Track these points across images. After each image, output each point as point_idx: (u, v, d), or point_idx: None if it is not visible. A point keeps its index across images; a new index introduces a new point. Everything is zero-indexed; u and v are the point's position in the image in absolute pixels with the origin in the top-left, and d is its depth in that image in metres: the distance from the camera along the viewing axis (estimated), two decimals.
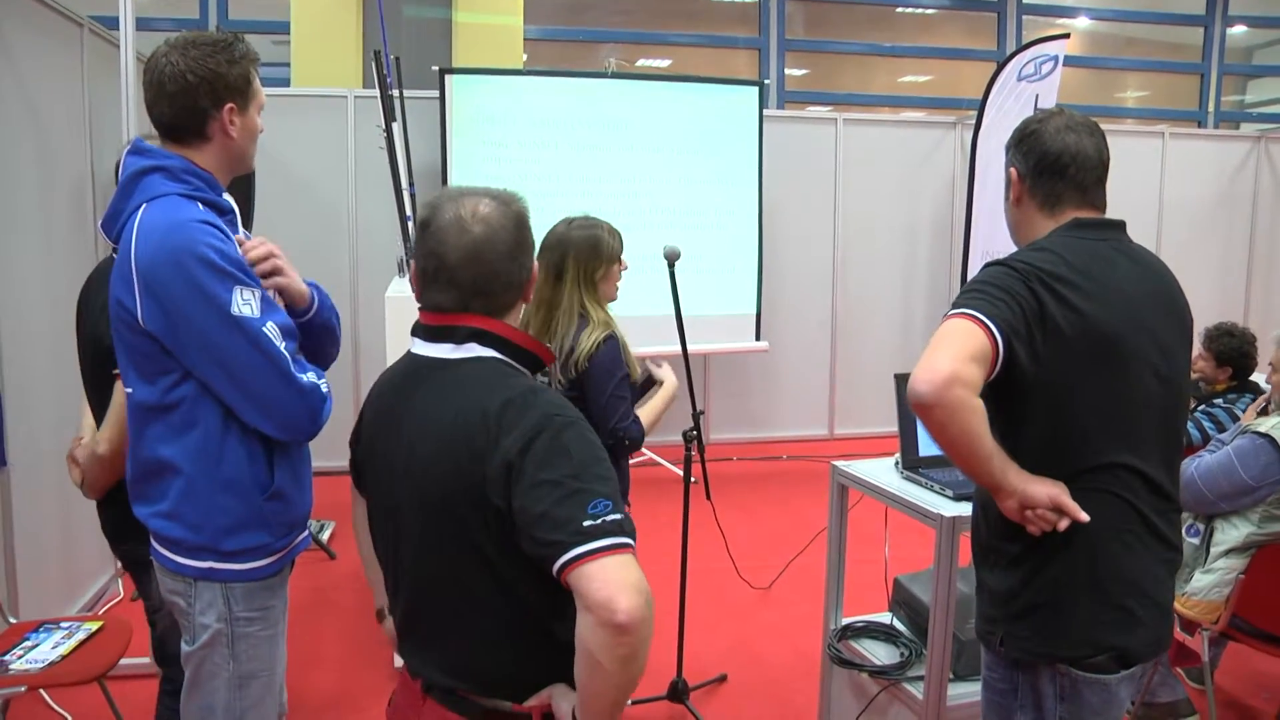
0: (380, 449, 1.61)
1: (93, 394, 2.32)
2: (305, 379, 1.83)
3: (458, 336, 1.53)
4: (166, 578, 1.93)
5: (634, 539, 1.37)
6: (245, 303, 1.75)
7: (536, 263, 2.57)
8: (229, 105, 1.85)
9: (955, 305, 1.70)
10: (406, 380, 1.59)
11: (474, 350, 1.52)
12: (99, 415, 2.27)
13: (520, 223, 1.56)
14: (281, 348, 1.79)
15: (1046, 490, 1.70)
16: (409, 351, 1.61)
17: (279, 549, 1.93)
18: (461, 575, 1.47)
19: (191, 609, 1.89)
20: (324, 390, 1.88)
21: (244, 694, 1.92)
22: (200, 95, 1.82)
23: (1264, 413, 3.39)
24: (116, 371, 2.03)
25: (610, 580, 1.30)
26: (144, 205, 1.80)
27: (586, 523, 1.34)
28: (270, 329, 1.78)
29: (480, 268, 1.51)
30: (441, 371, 1.53)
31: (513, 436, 1.40)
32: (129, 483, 1.94)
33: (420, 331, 1.58)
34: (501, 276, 1.53)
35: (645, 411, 2.77)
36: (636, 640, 1.30)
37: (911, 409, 1.66)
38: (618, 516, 1.36)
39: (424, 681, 1.56)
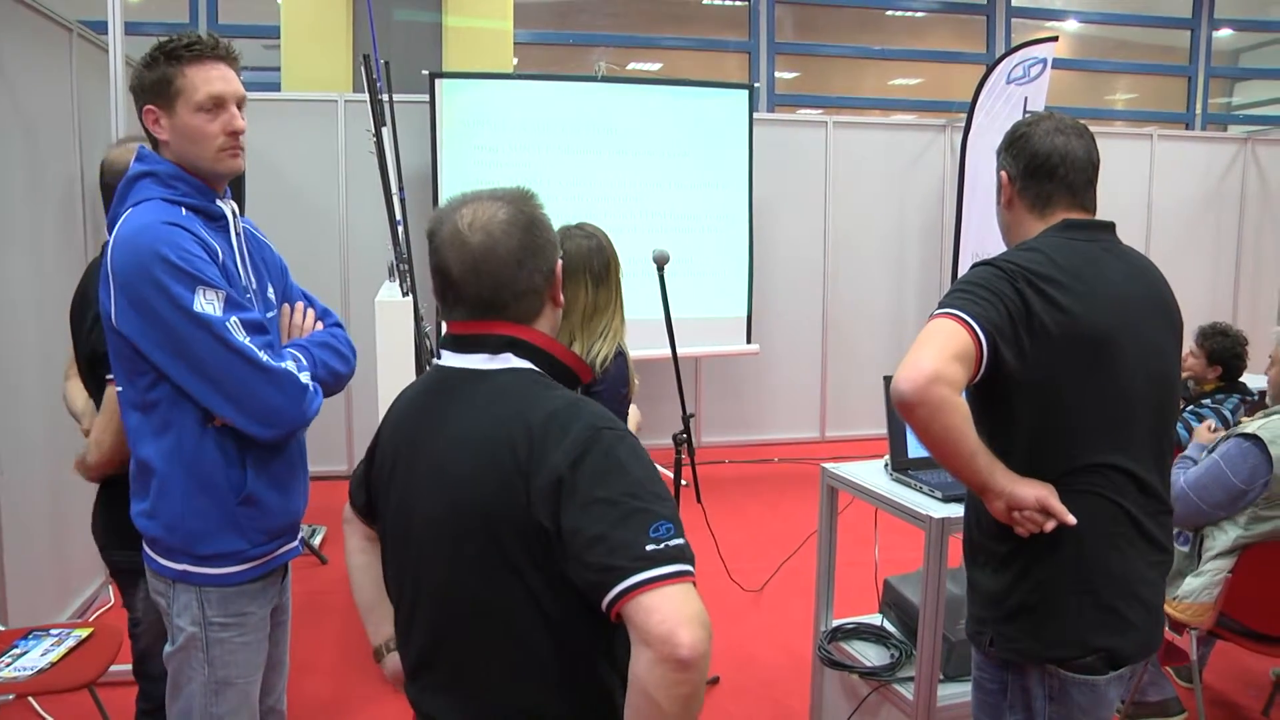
0: (401, 470, 1.47)
1: (95, 397, 2.32)
2: (280, 366, 1.83)
3: (491, 345, 1.41)
4: (152, 577, 1.95)
5: (693, 565, 1.26)
6: (209, 302, 1.76)
7: (567, 266, 2.57)
8: (146, 108, 1.86)
9: (941, 305, 1.71)
10: (434, 394, 1.47)
11: (510, 361, 1.41)
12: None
13: (529, 224, 1.41)
14: (247, 341, 1.79)
15: (1034, 492, 1.70)
16: (435, 365, 1.50)
17: (255, 556, 1.92)
18: (497, 606, 1.34)
19: (171, 610, 1.91)
20: (304, 380, 1.87)
21: (219, 700, 1.92)
22: (135, 100, 1.88)
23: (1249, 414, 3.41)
24: (109, 376, 2.03)
25: (673, 612, 1.18)
26: (129, 209, 1.82)
27: (650, 547, 1.22)
28: (234, 324, 1.78)
29: (483, 280, 1.38)
30: (475, 383, 1.41)
31: (562, 450, 1.28)
32: (130, 480, 1.95)
33: (449, 342, 1.46)
34: (509, 286, 1.39)
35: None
36: (699, 676, 1.18)
37: (895, 408, 1.66)
38: (680, 541, 1.25)
39: None
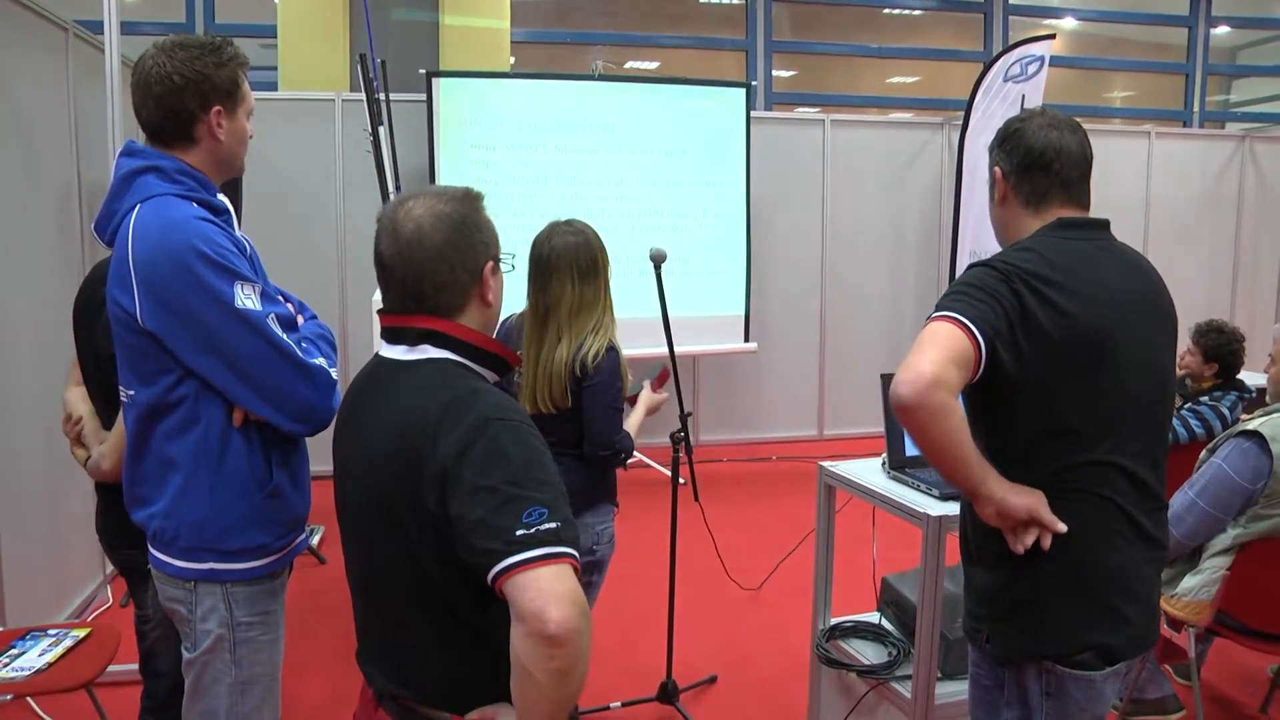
0: (341, 451, 1.60)
1: (100, 404, 2.30)
2: (314, 362, 1.85)
3: (409, 338, 1.51)
4: (165, 584, 1.92)
5: (575, 546, 1.33)
6: (248, 296, 1.76)
7: (555, 266, 2.59)
8: (216, 108, 1.85)
9: (938, 307, 1.71)
10: (368, 382, 1.59)
11: (427, 352, 1.50)
12: (105, 423, 2.25)
13: (460, 223, 1.50)
14: (285, 337, 1.81)
15: (1024, 501, 1.70)
16: (376, 353, 1.60)
17: (278, 549, 1.93)
18: (400, 582, 1.46)
19: (193, 615, 1.89)
20: (334, 375, 1.89)
21: (245, 699, 1.93)
22: (186, 97, 1.83)
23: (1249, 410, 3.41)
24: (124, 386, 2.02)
25: (542, 591, 1.27)
26: (138, 206, 1.80)
27: (520, 531, 1.30)
28: (273, 320, 1.80)
29: (408, 268, 1.48)
30: (397, 374, 1.51)
31: (450, 440, 1.36)
32: (125, 489, 1.93)
33: (383, 333, 1.57)
34: (430, 278, 1.48)
35: (628, 426, 2.78)
36: (570, 653, 1.26)
37: (894, 412, 1.67)
38: (554, 525, 1.32)
39: (376, 690, 1.55)
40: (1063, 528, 1.69)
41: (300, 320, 2.00)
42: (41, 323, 3.72)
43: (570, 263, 2.62)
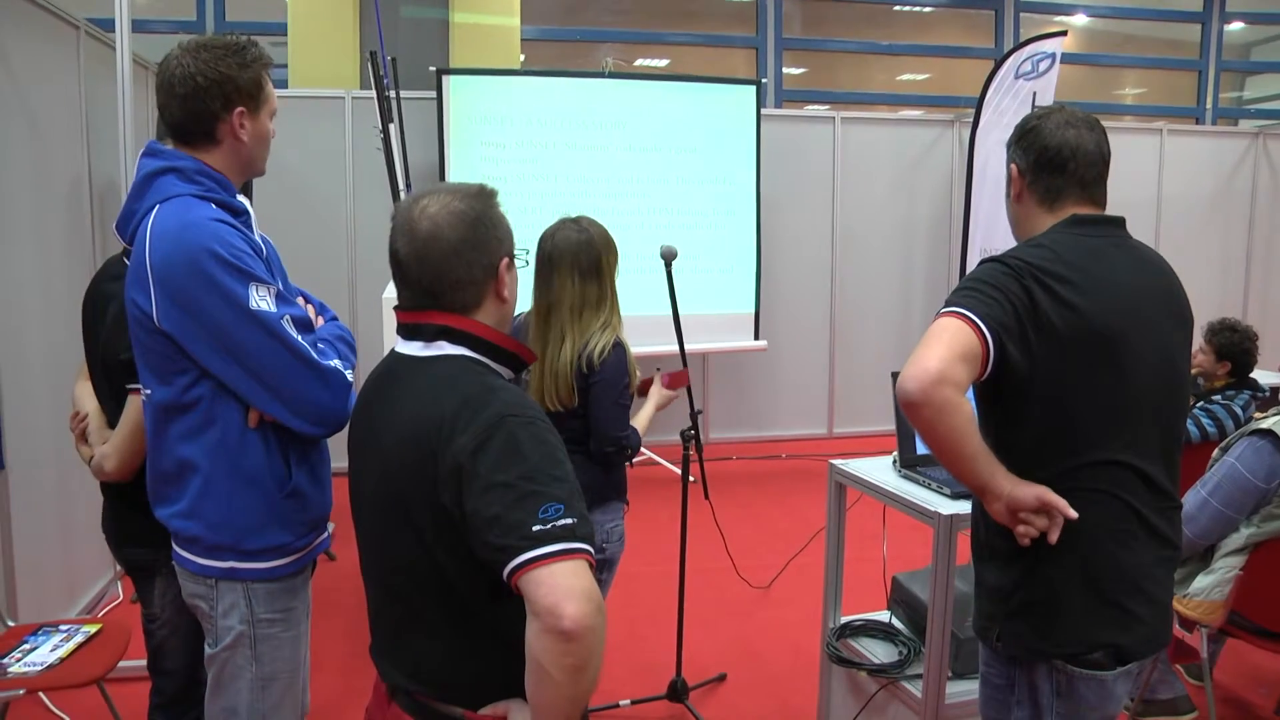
0: (356, 446, 1.61)
1: (107, 402, 2.31)
2: (329, 364, 1.85)
3: (426, 334, 1.51)
4: (188, 581, 1.94)
5: (590, 543, 1.33)
6: (262, 298, 1.76)
7: (556, 264, 2.59)
8: (239, 109, 1.86)
9: (948, 303, 1.70)
10: (384, 378, 1.58)
11: (444, 348, 1.50)
12: (111, 421, 2.25)
13: (475, 219, 1.50)
14: (300, 339, 1.81)
15: (1033, 492, 1.69)
16: (392, 349, 1.60)
17: (299, 548, 1.94)
18: (415, 577, 1.46)
19: (214, 611, 1.90)
20: (349, 378, 1.89)
21: (266, 695, 1.94)
22: (210, 98, 1.83)
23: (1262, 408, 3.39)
24: (132, 386, 2.02)
25: (557, 586, 1.27)
26: (157, 206, 1.81)
27: (536, 527, 1.30)
28: (287, 321, 1.79)
29: (425, 266, 1.48)
30: (413, 370, 1.51)
31: (466, 436, 1.37)
32: (149, 486, 1.94)
33: (399, 329, 1.57)
34: (448, 275, 1.48)
35: (637, 422, 2.78)
36: (584, 649, 1.27)
37: (900, 407, 1.66)
38: (570, 521, 1.32)
39: (389, 685, 1.56)
40: (1074, 513, 1.68)
41: (320, 322, 2.00)
42: (52, 320, 3.74)
43: (572, 261, 2.62)
